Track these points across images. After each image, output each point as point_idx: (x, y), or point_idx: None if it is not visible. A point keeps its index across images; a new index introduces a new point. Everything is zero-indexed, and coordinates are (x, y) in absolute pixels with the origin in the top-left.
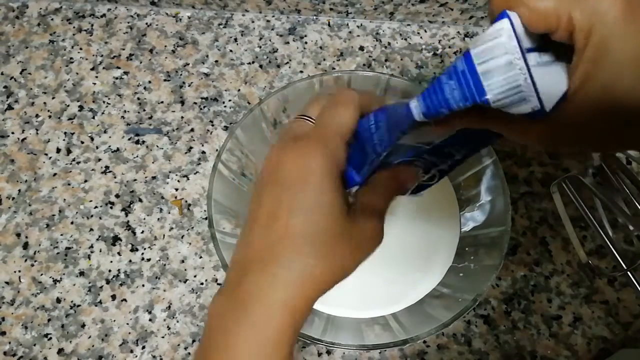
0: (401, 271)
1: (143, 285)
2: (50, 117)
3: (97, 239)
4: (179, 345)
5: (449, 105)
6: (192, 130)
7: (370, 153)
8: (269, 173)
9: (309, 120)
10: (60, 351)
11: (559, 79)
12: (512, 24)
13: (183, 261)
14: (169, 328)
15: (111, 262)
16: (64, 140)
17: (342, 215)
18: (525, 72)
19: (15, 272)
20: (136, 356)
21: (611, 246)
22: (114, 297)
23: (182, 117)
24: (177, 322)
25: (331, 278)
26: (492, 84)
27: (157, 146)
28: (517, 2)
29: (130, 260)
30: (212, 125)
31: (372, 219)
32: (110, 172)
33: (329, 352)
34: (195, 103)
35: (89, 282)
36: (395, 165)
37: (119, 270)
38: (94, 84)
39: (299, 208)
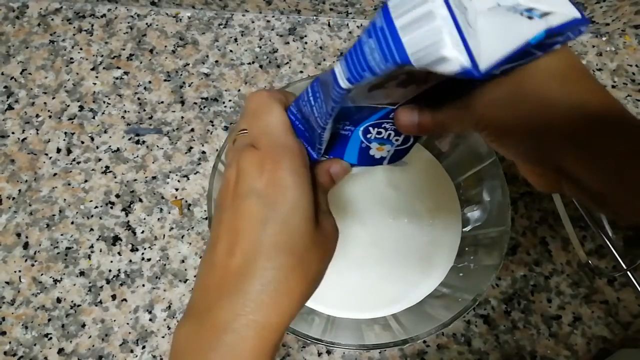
0: (402, 272)
1: (143, 285)
2: (50, 117)
3: (97, 239)
4: None
5: (371, 68)
6: (192, 130)
7: (316, 127)
8: (231, 185)
9: (246, 133)
10: (60, 351)
11: (512, 34)
12: None
13: (183, 261)
14: (169, 328)
15: (111, 262)
16: (64, 140)
17: (314, 223)
18: (449, 22)
19: (15, 272)
20: (136, 356)
21: (611, 246)
22: (114, 297)
23: (182, 117)
24: (177, 322)
25: (307, 288)
26: (411, 40)
27: (157, 146)
28: None
29: (130, 260)
30: (212, 125)
31: (328, 216)
32: (110, 172)
33: (329, 352)
34: (196, 103)
35: (89, 282)
36: (322, 159)
37: (119, 270)
38: (94, 84)
39: (273, 219)
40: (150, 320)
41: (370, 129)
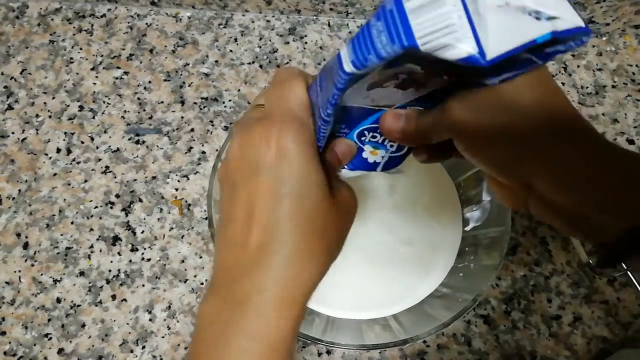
0: (402, 272)
1: (143, 285)
2: (50, 117)
3: (97, 239)
4: (179, 345)
5: (377, 51)
6: (192, 130)
7: (319, 118)
8: (238, 161)
9: (263, 107)
10: (60, 351)
11: (519, 31)
12: None
13: (183, 261)
14: (169, 328)
15: (111, 262)
16: (64, 140)
17: (328, 191)
18: (459, 8)
19: (15, 272)
20: (136, 356)
21: None
22: (114, 297)
23: (182, 117)
24: (177, 322)
25: (329, 257)
26: (420, 24)
27: (157, 146)
28: None
29: (130, 260)
30: (212, 125)
31: (342, 185)
32: (110, 172)
33: (329, 352)
34: (195, 103)
35: (89, 282)
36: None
37: (119, 270)
38: (94, 84)
39: (286, 193)
40: (150, 320)
41: (365, 132)
